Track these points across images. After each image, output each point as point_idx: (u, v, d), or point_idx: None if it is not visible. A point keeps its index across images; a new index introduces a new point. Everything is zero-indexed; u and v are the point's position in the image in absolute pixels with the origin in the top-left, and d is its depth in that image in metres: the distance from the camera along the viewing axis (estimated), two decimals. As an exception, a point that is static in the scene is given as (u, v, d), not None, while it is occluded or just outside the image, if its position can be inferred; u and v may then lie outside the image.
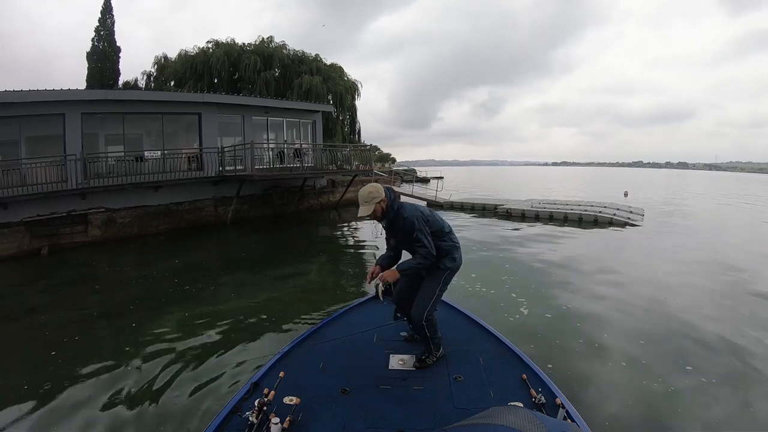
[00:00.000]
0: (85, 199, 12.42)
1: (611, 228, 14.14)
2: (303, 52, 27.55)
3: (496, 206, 18.66)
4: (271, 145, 16.99)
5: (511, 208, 17.56)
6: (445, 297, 3.93)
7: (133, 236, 13.38)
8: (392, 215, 2.99)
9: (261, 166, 15.03)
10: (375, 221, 3.29)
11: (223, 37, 27.50)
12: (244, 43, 27.32)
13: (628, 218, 15.28)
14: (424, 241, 2.90)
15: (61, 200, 11.96)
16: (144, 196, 13.62)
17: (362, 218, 2.92)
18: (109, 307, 7.13)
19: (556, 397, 2.41)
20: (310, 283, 8.34)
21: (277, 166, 16.31)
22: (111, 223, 13.07)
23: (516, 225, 15.02)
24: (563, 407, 2.31)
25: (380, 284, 2.95)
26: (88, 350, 5.34)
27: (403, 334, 3.35)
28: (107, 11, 27.49)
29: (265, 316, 6.15)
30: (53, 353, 5.17)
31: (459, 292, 7.14)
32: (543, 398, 2.37)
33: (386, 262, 3.17)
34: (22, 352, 5.41)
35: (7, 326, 6.38)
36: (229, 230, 15.01)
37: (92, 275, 9.63)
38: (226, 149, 15.37)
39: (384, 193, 2.98)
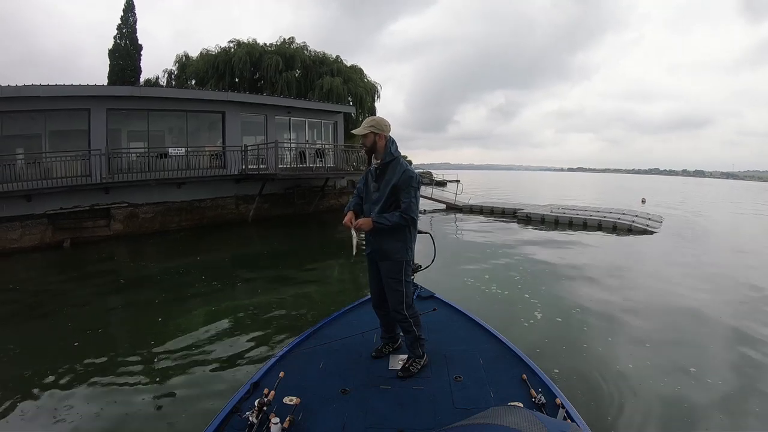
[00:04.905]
0: (108, 193, 12.42)
1: (630, 235, 14.17)
2: (324, 53, 27.51)
3: (515, 210, 18.63)
4: (293, 145, 16.94)
5: (530, 213, 17.54)
6: (445, 297, 3.96)
7: (154, 231, 13.36)
8: (389, 159, 2.86)
9: (283, 166, 14.96)
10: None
11: (244, 37, 27.59)
12: (265, 44, 27.33)
13: (647, 225, 15.28)
14: (412, 199, 2.80)
15: (85, 194, 11.98)
16: (167, 192, 13.61)
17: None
18: (132, 301, 7.13)
19: (556, 397, 2.38)
20: (329, 284, 8.24)
21: (300, 165, 16.24)
22: (133, 218, 13.04)
23: (535, 229, 15.00)
24: (563, 407, 2.27)
25: (355, 234, 2.89)
26: (109, 343, 5.38)
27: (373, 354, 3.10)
28: (130, 9, 27.70)
29: (276, 316, 6.16)
30: (76, 344, 5.24)
31: (474, 291, 7.36)
32: (543, 398, 2.34)
33: (358, 208, 3.06)
34: (46, 341, 5.45)
35: (31, 316, 6.42)
36: (251, 228, 14.96)
37: (115, 269, 9.57)
38: (249, 148, 15.28)
39: (386, 131, 2.88)
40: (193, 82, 26.49)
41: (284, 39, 27.82)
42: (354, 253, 2.97)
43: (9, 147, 11.97)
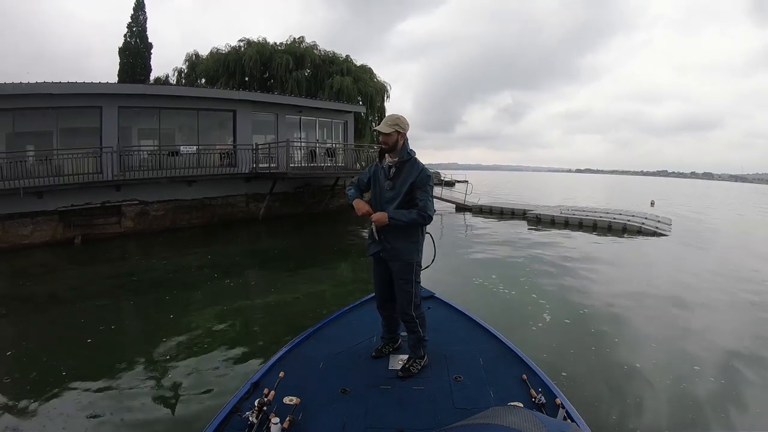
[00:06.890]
0: (119, 190, 12.40)
1: (640, 237, 14.08)
2: (334, 53, 27.40)
3: (525, 211, 18.55)
4: (303, 144, 16.91)
5: (540, 214, 17.44)
6: (444, 297, 3.96)
7: (165, 229, 13.34)
8: (405, 158, 2.86)
9: (293, 165, 14.94)
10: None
11: (254, 37, 27.56)
12: (275, 43, 27.28)
13: (656, 227, 15.18)
14: (429, 198, 2.81)
15: (96, 191, 11.96)
16: (178, 190, 13.58)
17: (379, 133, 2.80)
18: (143, 298, 7.10)
19: (556, 397, 2.39)
20: (340, 284, 8.18)
21: (310, 164, 16.23)
22: (144, 216, 13.03)
23: (545, 230, 14.90)
24: (563, 407, 2.28)
25: (374, 227, 2.89)
26: (121, 340, 5.39)
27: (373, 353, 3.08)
28: (140, 8, 27.76)
29: (285, 315, 6.16)
30: (89, 341, 5.23)
31: (482, 291, 7.40)
32: (543, 398, 2.35)
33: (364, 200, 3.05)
34: (58, 337, 5.47)
35: (44, 312, 6.42)
36: (261, 226, 14.93)
37: (126, 266, 9.54)
38: (260, 146, 15.24)
39: (407, 129, 2.88)
40: (203, 80, 26.49)
41: (294, 38, 27.76)
42: (377, 239, 2.93)
43: (20, 144, 11.97)
